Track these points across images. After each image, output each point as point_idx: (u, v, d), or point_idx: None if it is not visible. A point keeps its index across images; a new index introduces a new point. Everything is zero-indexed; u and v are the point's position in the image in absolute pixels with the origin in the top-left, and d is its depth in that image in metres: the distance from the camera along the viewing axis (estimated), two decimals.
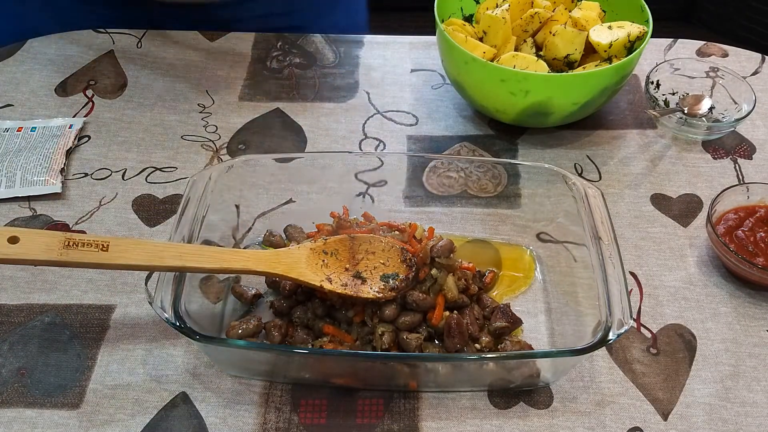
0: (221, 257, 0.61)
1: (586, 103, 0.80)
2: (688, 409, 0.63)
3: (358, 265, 0.63)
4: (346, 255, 0.64)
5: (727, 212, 0.74)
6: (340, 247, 0.64)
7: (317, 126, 0.89)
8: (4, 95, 0.92)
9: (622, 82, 0.81)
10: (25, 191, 0.79)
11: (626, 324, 0.57)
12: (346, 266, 0.63)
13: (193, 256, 0.59)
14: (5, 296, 0.70)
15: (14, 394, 0.63)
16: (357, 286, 0.62)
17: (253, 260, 0.61)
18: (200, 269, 0.60)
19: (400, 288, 0.62)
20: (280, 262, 0.62)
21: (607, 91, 0.80)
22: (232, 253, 0.63)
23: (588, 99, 0.79)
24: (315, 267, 0.62)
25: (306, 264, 0.62)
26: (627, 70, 0.80)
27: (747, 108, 0.85)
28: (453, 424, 0.61)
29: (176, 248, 0.60)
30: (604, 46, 0.81)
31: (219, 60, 0.98)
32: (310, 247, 0.64)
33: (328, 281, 0.62)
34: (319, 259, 0.63)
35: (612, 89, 0.81)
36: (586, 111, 0.83)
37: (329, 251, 0.64)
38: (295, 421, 0.62)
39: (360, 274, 0.63)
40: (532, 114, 0.81)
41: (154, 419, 0.62)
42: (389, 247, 0.64)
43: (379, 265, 0.63)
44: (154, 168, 0.84)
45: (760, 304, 0.71)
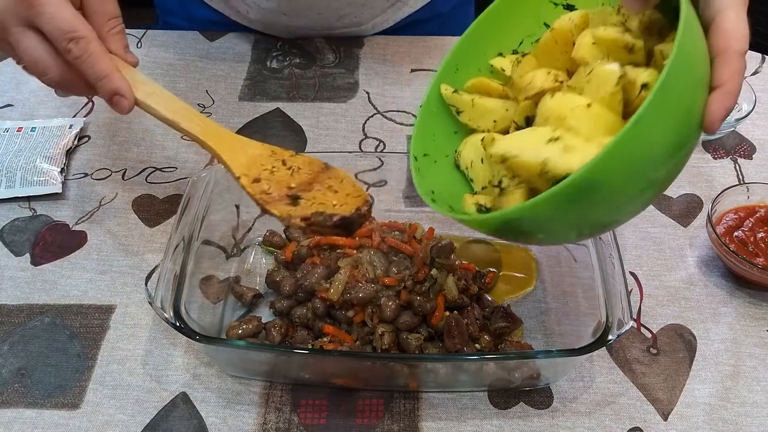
0: (177, 108, 0.58)
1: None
2: (688, 409, 0.63)
3: (306, 191, 0.56)
4: (305, 178, 0.57)
5: (727, 212, 0.74)
6: (305, 168, 0.58)
7: (317, 126, 0.89)
8: (4, 95, 0.92)
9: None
10: (25, 191, 0.79)
11: (626, 324, 0.57)
12: (291, 185, 0.57)
13: (154, 97, 0.57)
14: (5, 296, 0.70)
15: (14, 394, 0.63)
16: (276, 200, 0.55)
17: (198, 123, 0.58)
18: (153, 110, 0.58)
19: (313, 223, 0.54)
20: (222, 137, 0.58)
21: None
22: (188, 110, 0.59)
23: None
24: (256, 165, 0.57)
25: (248, 157, 0.57)
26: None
27: (747, 108, 0.85)
28: (453, 424, 0.61)
29: (148, 84, 0.58)
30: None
31: (219, 60, 0.98)
32: (271, 148, 0.59)
33: (254, 181, 0.56)
34: (270, 164, 0.57)
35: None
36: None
37: (291, 165, 0.58)
38: (295, 421, 0.62)
39: (297, 197, 0.56)
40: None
41: (154, 419, 0.62)
42: (355, 197, 0.56)
43: (327, 203, 0.55)
44: (154, 168, 0.84)
45: (760, 304, 0.71)
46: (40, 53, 0.56)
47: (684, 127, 0.45)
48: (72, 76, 0.57)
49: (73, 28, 0.54)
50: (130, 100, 0.57)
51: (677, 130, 0.45)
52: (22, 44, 0.56)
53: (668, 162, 0.46)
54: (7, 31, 0.56)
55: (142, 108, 0.58)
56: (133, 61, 0.60)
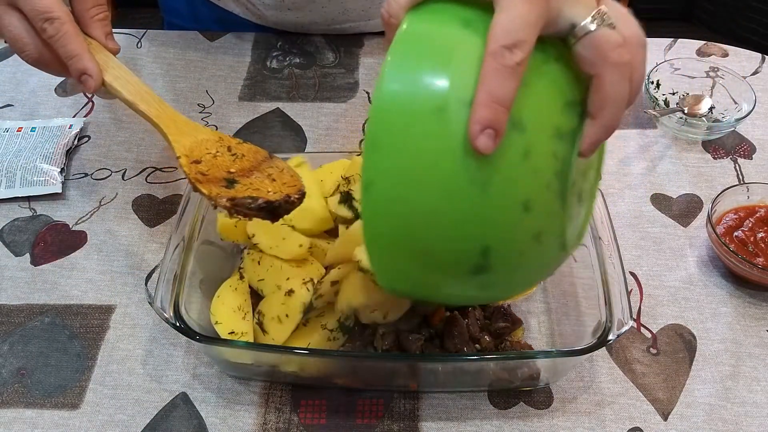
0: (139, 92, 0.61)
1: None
2: (688, 409, 0.63)
3: (244, 177, 0.57)
4: (246, 165, 0.58)
5: (727, 212, 0.74)
6: (249, 156, 0.60)
7: (317, 126, 0.89)
8: (4, 95, 0.92)
9: None
10: (25, 191, 0.79)
11: (626, 324, 0.57)
12: (231, 170, 0.57)
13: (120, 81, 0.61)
14: (5, 296, 0.70)
15: (14, 394, 0.63)
16: (211, 181, 0.56)
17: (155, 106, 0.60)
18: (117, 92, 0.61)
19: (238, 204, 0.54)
20: (174, 122, 0.60)
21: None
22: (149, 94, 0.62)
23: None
24: (200, 149, 0.59)
25: (193, 141, 0.59)
26: None
27: (747, 108, 0.85)
28: (453, 424, 0.61)
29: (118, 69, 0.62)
30: None
31: (219, 60, 0.98)
32: (219, 135, 0.61)
33: (193, 162, 0.57)
34: (215, 149, 0.59)
35: None
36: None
37: (236, 152, 0.59)
38: (295, 421, 0.62)
39: (234, 181, 0.56)
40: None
41: (154, 419, 0.62)
42: (290, 186, 0.57)
43: (263, 190, 0.56)
44: (154, 168, 0.84)
45: (760, 304, 0.71)
46: (20, 31, 0.60)
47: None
48: (48, 54, 0.61)
49: (49, 8, 0.58)
50: (96, 81, 0.60)
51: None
52: (4, 21, 0.60)
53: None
54: None
55: (109, 90, 0.62)
56: (114, 48, 0.64)
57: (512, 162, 0.42)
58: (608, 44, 0.43)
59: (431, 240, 0.43)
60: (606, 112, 0.44)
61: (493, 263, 0.44)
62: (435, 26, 0.44)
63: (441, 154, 0.41)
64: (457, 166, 0.41)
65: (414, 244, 0.44)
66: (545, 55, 0.44)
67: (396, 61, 0.44)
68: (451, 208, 0.42)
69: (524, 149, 0.42)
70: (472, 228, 0.43)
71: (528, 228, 0.44)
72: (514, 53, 0.40)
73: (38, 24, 0.59)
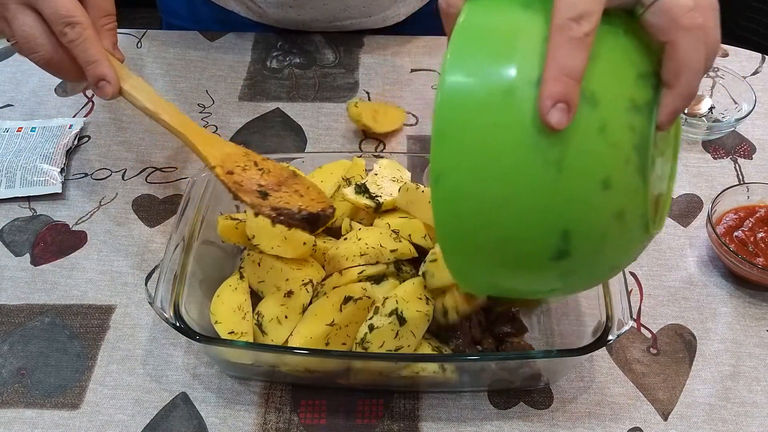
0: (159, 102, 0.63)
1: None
2: (688, 409, 0.63)
3: (274, 191, 0.59)
4: (273, 180, 0.60)
5: (727, 212, 0.74)
6: (275, 172, 0.62)
7: (317, 126, 0.89)
8: (4, 95, 0.92)
9: None
10: (25, 191, 0.79)
11: (626, 324, 0.57)
12: (261, 183, 0.60)
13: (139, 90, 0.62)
14: (5, 296, 0.70)
15: (14, 394, 0.63)
16: (246, 190, 0.58)
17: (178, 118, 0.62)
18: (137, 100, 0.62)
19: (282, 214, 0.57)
20: (200, 133, 0.62)
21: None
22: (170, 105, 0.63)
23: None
24: (230, 161, 0.61)
25: (222, 153, 0.61)
26: None
27: (747, 108, 0.85)
28: (453, 424, 0.61)
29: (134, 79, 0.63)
30: None
31: (219, 60, 0.98)
32: (244, 150, 0.63)
33: (227, 172, 0.59)
34: (243, 162, 0.61)
35: None
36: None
37: (262, 167, 0.61)
38: (295, 421, 0.62)
39: (266, 194, 0.59)
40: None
41: (154, 419, 0.62)
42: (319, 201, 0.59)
43: (293, 203, 0.58)
44: (154, 168, 0.84)
45: (760, 304, 0.71)
46: (34, 31, 0.59)
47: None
48: (60, 57, 0.61)
49: (71, 13, 0.58)
50: (114, 87, 0.61)
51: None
52: (18, 20, 0.59)
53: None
54: (5, 7, 0.60)
55: (126, 98, 0.63)
56: (120, 58, 0.64)
57: (588, 137, 0.41)
58: (679, 8, 0.42)
59: (508, 228, 0.42)
60: (682, 79, 0.43)
61: (574, 248, 0.43)
62: (495, 11, 0.43)
63: (512, 137, 0.40)
64: (530, 148, 0.40)
65: (490, 234, 0.42)
66: (613, 28, 0.43)
67: (457, 51, 0.42)
68: (527, 192, 0.41)
69: (599, 124, 0.41)
70: (550, 211, 0.41)
71: (609, 207, 0.42)
72: (581, 24, 0.39)
73: (59, 27, 0.59)
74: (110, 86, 0.61)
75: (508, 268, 0.45)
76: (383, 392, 0.64)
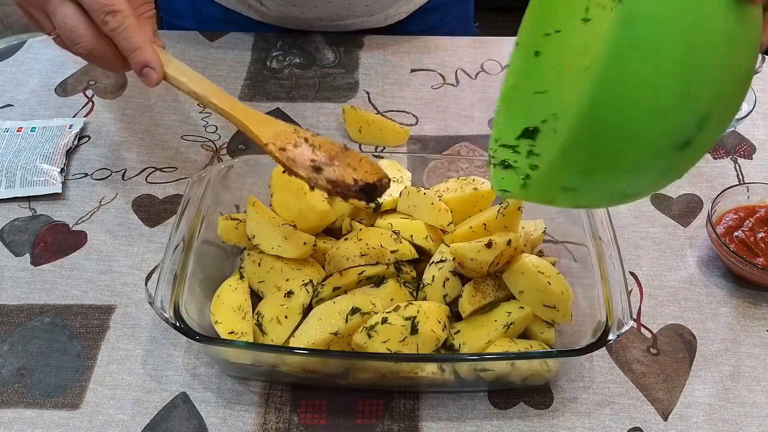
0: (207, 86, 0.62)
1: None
2: (688, 409, 0.63)
3: (327, 165, 0.59)
4: (325, 155, 0.60)
5: (727, 212, 0.74)
6: (326, 147, 0.61)
7: (317, 126, 0.89)
8: (4, 95, 0.92)
9: None
10: (25, 191, 0.79)
11: (626, 324, 0.57)
12: (313, 158, 0.59)
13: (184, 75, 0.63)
14: (5, 296, 0.70)
15: (14, 394, 0.63)
16: (300, 166, 0.58)
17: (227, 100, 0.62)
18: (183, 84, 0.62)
19: (338, 185, 0.57)
20: (249, 113, 0.62)
21: None
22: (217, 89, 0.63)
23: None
24: (281, 138, 0.60)
25: (273, 131, 0.61)
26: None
27: (747, 108, 0.85)
28: (453, 424, 0.61)
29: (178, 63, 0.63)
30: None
31: (219, 60, 0.98)
32: (294, 127, 0.62)
33: (280, 149, 0.59)
34: (293, 139, 0.61)
35: None
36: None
37: (312, 143, 0.61)
38: (295, 421, 0.62)
39: (320, 168, 0.58)
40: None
41: (154, 419, 0.62)
42: (372, 173, 0.59)
43: (348, 177, 0.58)
44: (154, 168, 0.84)
45: (760, 304, 0.71)
46: (76, 22, 0.59)
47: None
48: (103, 47, 0.61)
49: (111, 1, 0.59)
50: (159, 73, 0.61)
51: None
52: (59, 13, 0.60)
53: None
54: (46, 0, 0.60)
55: (172, 83, 0.62)
56: (162, 45, 0.64)
57: (756, 20, 0.41)
58: None
59: (666, 93, 0.40)
60: None
61: (700, 136, 0.42)
62: None
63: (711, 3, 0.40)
64: (718, 13, 0.40)
65: (644, 98, 0.40)
66: None
67: None
68: (698, 60, 0.40)
69: (758, 15, 0.42)
70: (707, 87, 0.41)
71: (744, 92, 0.43)
72: None
73: (100, 17, 0.59)
74: (155, 72, 0.61)
75: (629, 152, 0.42)
76: (383, 392, 0.64)
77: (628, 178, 0.45)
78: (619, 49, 0.39)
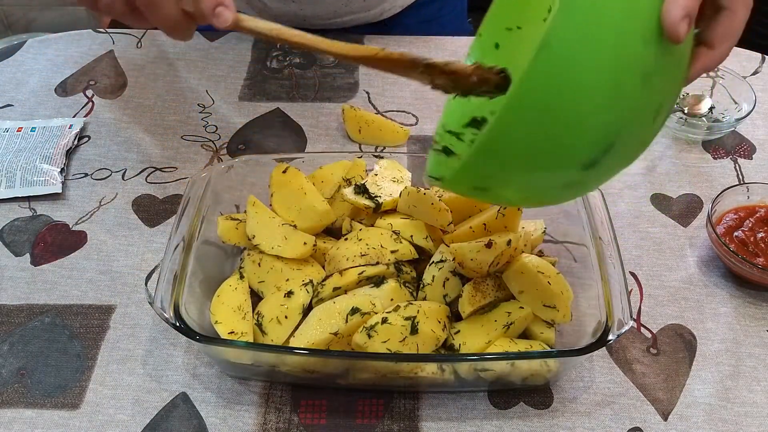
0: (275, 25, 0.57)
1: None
2: (688, 409, 0.63)
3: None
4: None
5: (727, 212, 0.74)
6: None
7: (317, 126, 0.89)
8: (4, 95, 0.92)
9: None
10: (25, 191, 0.79)
11: (626, 324, 0.57)
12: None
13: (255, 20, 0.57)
14: (5, 296, 0.70)
15: (14, 394, 0.63)
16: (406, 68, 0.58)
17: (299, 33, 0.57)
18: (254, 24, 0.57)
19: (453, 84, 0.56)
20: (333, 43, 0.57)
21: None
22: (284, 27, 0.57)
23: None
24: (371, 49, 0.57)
25: (359, 51, 0.56)
26: None
27: (747, 108, 0.85)
28: (453, 424, 0.61)
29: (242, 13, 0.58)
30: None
31: (219, 60, 0.98)
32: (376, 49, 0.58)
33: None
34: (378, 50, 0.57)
35: None
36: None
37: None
38: (295, 421, 0.62)
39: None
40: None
41: (154, 419, 0.62)
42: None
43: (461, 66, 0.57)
44: (154, 168, 0.84)
45: (760, 304, 0.71)
46: None
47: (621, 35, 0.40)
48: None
49: None
50: (232, 12, 0.56)
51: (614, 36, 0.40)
52: None
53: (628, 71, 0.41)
54: None
55: (242, 26, 0.57)
56: None
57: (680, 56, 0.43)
58: None
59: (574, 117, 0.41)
60: (727, 45, 0.45)
61: (606, 159, 0.44)
62: None
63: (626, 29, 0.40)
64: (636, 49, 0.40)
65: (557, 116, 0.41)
66: None
67: None
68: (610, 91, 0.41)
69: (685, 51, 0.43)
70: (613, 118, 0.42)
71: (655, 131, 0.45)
72: None
73: None
74: (228, 11, 0.55)
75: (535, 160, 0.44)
76: (383, 392, 0.64)
77: (529, 187, 0.47)
78: (540, 62, 0.39)
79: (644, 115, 0.43)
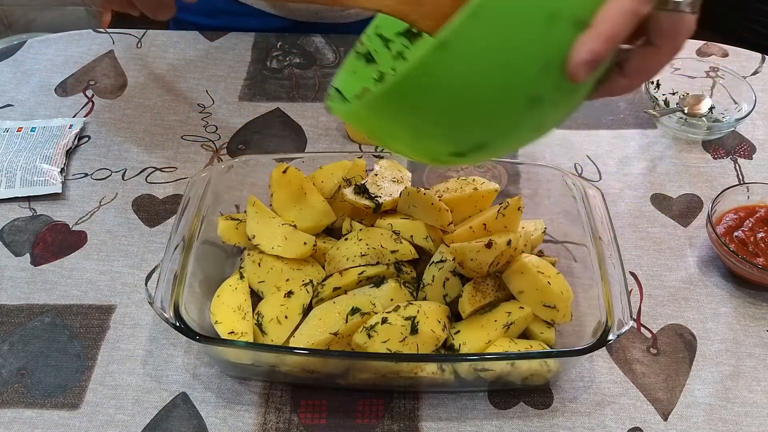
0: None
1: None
2: (688, 409, 0.63)
3: None
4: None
5: (727, 212, 0.74)
6: None
7: (317, 126, 0.89)
8: (4, 95, 0.92)
9: None
10: (25, 191, 0.79)
11: (626, 324, 0.57)
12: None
13: None
14: (5, 296, 0.70)
15: (14, 394, 0.63)
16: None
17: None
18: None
19: None
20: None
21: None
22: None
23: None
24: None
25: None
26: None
27: (747, 108, 0.85)
28: (453, 424, 0.61)
29: None
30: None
31: (219, 60, 0.98)
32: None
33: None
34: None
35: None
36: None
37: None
38: (295, 421, 0.62)
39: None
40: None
41: (154, 419, 0.62)
42: None
43: None
44: (154, 168, 0.84)
45: (760, 304, 0.71)
46: None
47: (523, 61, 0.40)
48: None
49: None
50: None
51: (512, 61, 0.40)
52: None
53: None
54: None
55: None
56: None
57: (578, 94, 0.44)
58: (684, 28, 0.43)
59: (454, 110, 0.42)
60: (640, 79, 0.45)
61: (472, 156, 0.46)
62: None
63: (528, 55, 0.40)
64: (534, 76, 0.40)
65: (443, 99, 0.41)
66: None
67: None
68: (493, 104, 0.41)
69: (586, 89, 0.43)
70: (488, 129, 0.43)
71: (528, 142, 0.48)
72: (646, 4, 0.41)
73: None
74: None
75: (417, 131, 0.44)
76: (383, 392, 0.64)
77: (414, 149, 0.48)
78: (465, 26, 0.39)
79: (521, 131, 0.45)
